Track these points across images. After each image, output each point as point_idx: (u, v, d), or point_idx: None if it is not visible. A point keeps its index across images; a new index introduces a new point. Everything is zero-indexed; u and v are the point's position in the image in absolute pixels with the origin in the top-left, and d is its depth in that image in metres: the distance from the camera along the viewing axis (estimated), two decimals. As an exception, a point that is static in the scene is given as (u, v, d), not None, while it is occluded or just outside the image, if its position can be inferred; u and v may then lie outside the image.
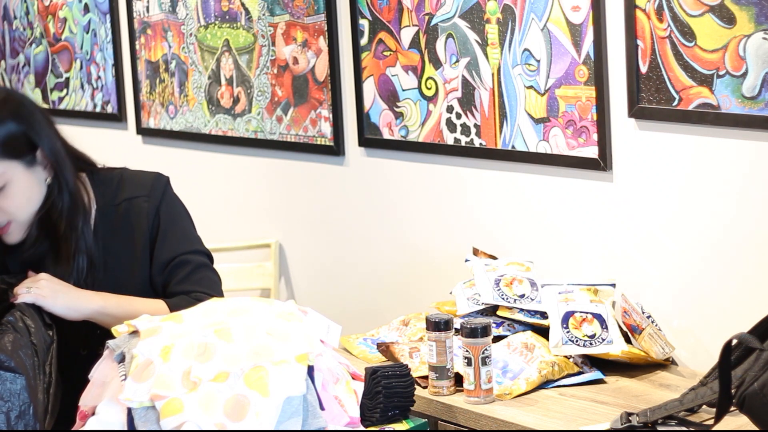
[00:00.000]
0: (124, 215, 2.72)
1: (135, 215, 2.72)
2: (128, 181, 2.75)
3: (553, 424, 2.63)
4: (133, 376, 2.16)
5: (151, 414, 2.14)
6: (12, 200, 2.60)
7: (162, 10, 4.27)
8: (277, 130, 3.92)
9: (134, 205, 2.72)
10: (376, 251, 3.71)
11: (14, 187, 2.61)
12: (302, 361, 2.19)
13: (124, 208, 2.72)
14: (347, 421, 2.24)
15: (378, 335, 3.17)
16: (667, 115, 2.95)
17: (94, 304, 2.62)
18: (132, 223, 2.72)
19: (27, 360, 2.40)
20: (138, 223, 2.72)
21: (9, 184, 2.59)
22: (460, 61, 3.36)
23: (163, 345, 2.20)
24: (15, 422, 2.32)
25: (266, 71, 3.92)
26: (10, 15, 4.95)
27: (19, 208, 2.62)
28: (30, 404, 2.35)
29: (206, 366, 2.16)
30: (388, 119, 3.59)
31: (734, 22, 2.79)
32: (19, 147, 2.60)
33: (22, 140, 2.61)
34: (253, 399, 2.12)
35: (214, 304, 2.34)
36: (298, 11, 3.80)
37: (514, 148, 3.28)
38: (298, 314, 2.32)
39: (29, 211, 2.64)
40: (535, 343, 2.90)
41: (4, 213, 2.60)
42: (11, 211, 2.61)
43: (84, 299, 2.61)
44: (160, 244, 2.72)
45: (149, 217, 2.72)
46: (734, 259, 2.90)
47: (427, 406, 2.79)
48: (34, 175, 2.63)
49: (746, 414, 2.25)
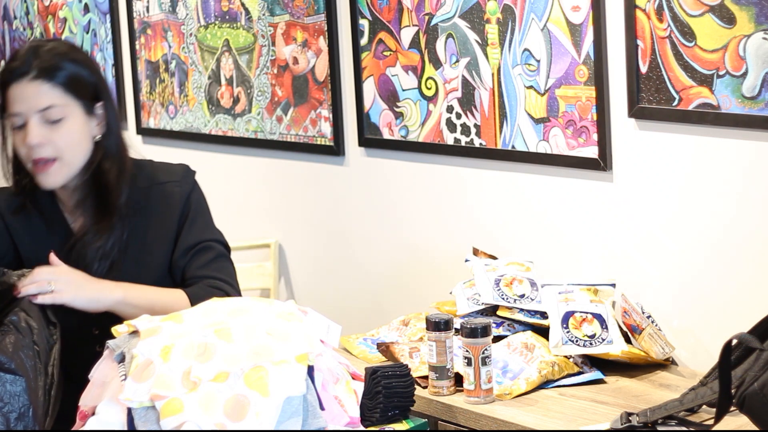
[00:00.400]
0: (153, 198, 2.78)
1: (166, 199, 2.79)
2: (159, 168, 2.84)
3: (553, 424, 2.63)
4: (133, 376, 2.16)
5: (151, 414, 2.14)
6: (64, 136, 2.68)
7: (162, 10, 4.27)
8: (277, 130, 3.92)
9: (166, 189, 2.79)
10: (376, 251, 3.71)
11: (69, 124, 2.69)
12: (302, 361, 2.19)
13: (154, 191, 2.78)
14: (347, 421, 2.24)
15: (378, 335, 3.17)
16: (667, 115, 2.95)
17: (116, 296, 2.65)
18: (162, 206, 2.79)
19: (28, 361, 2.39)
20: (169, 207, 2.79)
21: (65, 119, 2.68)
22: (460, 61, 3.36)
23: (163, 345, 2.20)
24: (15, 424, 2.32)
25: (266, 71, 3.92)
26: (10, 15, 4.95)
27: (69, 147, 2.68)
28: (30, 406, 2.35)
29: (206, 366, 2.16)
30: (388, 119, 3.59)
31: (734, 22, 2.79)
32: (84, 90, 2.70)
33: (89, 87, 2.72)
34: (253, 399, 2.12)
35: (214, 304, 2.34)
36: (298, 11, 3.80)
37: (514, 148, 3.28)
38: (298, 314, 2.32)
39: (76, 155, 2.70)
40: (535, 343, 2.90)
41: (53, 147, 2.67)
42: (60, 147, 2.68)
43: (105, 291, 2.65)
44: (188, 228, 2.78)
45: (181, 201, 2.79)
46: (734, 259, 2.90)
47: (427, 406, 2.79)
48: (87, 124, 2.72)
49: (746, 414, 2.25)
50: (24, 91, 2.67)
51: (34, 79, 2.67)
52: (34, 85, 2.67)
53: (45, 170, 2.68)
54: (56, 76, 2.68)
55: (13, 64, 2.70)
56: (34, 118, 2.66)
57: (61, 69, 2.69)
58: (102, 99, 2.74)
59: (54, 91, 2.67)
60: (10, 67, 2.70)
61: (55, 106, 2.67)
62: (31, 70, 2.67)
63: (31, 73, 2.67)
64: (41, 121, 2.67)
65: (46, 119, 2.67)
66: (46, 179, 2.70)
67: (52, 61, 2.69)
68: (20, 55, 2.71)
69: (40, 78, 2.67)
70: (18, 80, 2.67)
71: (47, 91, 2.67)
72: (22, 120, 2.67)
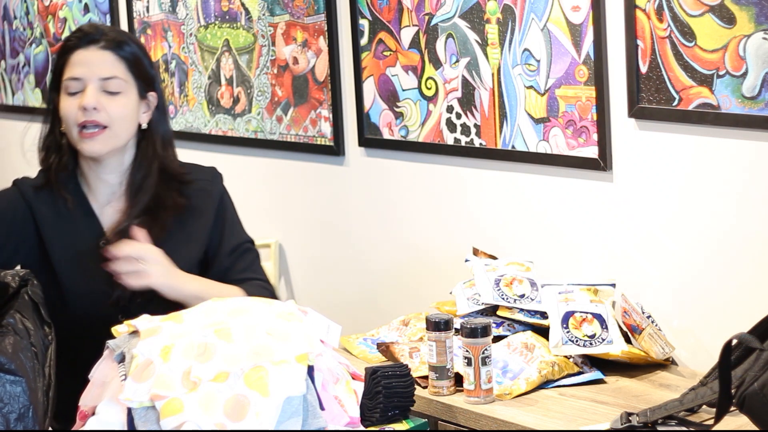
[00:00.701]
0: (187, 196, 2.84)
1: (199, 197, 2.85)
2: (188, 167, 2.90)
3: (553, 424, 2.63)
4: (133, 376, 2.16)
5: (151, 414, 2.14)
6: (118, 108, 2.76)
7: (162, 10, 4.27)
8: (277, 130, 3.92)
9: (197, 187, 2.86)
10: (376, 251, 3.71)
11: (125, 99, 2.78)
12: (302, 361, 2.19)
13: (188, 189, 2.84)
14: (347, 421, 2.24)
15: (378, 335, 3.17)
16: (667, 115, 2.95)
17: (192, 287, 2.74)
18: (195, 204, 2.84)
19: (27, 362, 2.39)
20: (202, 206, 2.85)
21: (122, 94, 2.77)
22: (460, 61, 3.36)
23: (163, 345, 2.20)
24: (14, 424, 2.32)
25: (266, 71, 3.92)
26: (10, 15, 4.95)
27: (120, 119, 2.76)
28: (30, 406, 2.35)
29: (206, 366, 2.16)
30: (388, 119, 3.59)
31: (734, 22, 2.79)
32: (143, 73, 2.81)
33: (147, 72, 2.82)
34: (253, 399, 2.12)
35: (214, 304, 2.34)
36: (298, 11, 3.80)
37: (514, 148, 3.28)
38: (298, 314, 2.32)
39: (124, 130, 2.78)
40: (535, 343, 2.90)
41: (106, 115, 2.75)
42: (113, 116, 2.75)
43: (185, 281, 2.75)
44: (230, 230, 2.88)
45: (214, 201, 2.87)
46: (734, 259, 2.90)
47: (427, 406, 2.79)
48: (138, 106, 2.81)
49: (746, 414, 2.25)
50: (90, 57, 2.76)
51: (102, 48, 2.77)
52: (102, 54, 2.76)
53: (92, 136, 2.75)
54: (123, 51, 2.78)
55: (79, 33, 2.80)
56: (95, 84, 2.75)
57: (128, 46, 2.80)
58: (155, 90, 2.83)
59: (119, 64, 2.77)
60: (77, 35, 2.80)
61: (117, 78, 2.76)
62: (101, 39, 2.77)
63: (100, 42, 2.77)
64: (100, 89, 2.75)
65: (105, 88, 2.76)
66: (92, 145, 2.75)
67: (120, 38, 2.80)
68: (87, 27, 2.82)
69: (109, 49, 2.77)
70: (86, 47, 2.77)
71: (113, 62, 2.77)
72: (81, 86, 2.76)
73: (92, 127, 2.74)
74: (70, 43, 2.79)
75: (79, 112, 2.74)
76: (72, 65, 2.77)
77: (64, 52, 2.79)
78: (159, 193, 2.81)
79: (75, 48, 2.78)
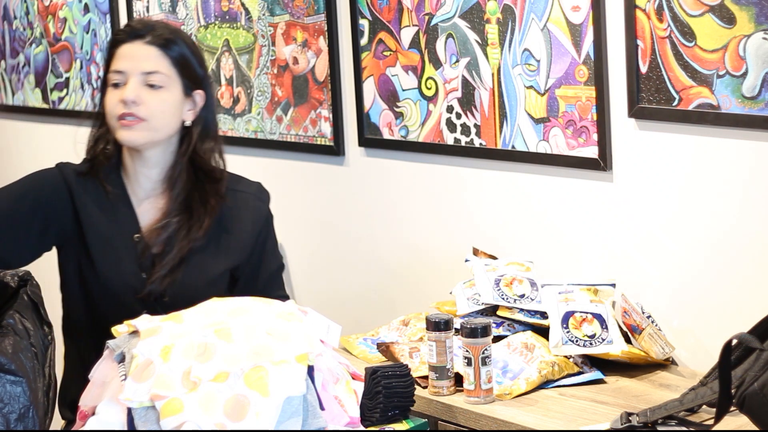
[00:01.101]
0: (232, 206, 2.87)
1: (244, 208, 2.89)
2: (234, 177, 2.94)
3: (553, 424, 2.63)
4: (133, 376, 2.16)
5: (151, 414, 2.14)
6: (158, 103, 2.79)
7: (162, 10, 4.27)
8: (277, 130, 3.92)
9: (243, 199, 2.90)
10: (376, 251, 3.71)
11: (167, 94, 2.80)
12: (302, 361, 2.19)
13: (232, 198, 2.88)
14: (347, 421, 2.24)
15: (378, 335, 3.17)
16: (667, 115, 2.95)
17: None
18: (240, 215, 2.88)
19: (27, 363, 2.39)
20: (243, 217, 2.88)
21: (164, 89, 2.80)
22: (460, 61, 3.36)
23: (163, 345, 2.20)
24: (15, 425, 2.32)
25: (266, 71, 3.92)
26: (10, 15, 4.95)
27: (160, 114, 2.79)
28: (30, 407, 2.35)
29: (206, 366, 2.16)
30: (388, 119, 3.59)
31: (734, 22, 2.79)
32: (189, 72, 2.83)
33: (194, 72, 2.84)
34: (253, 399, 2.12)
35: (214, 304, 2.34)
36: (298, 11, 3.80)
37: (514, 148, 3.28)
38: (298, 314, 2.32)
39: (163, 124, 2.80)
40: (535, 343, 2.90)
41: (146, 108, 2.77)
42: (152, 110, 2.78)
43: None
44: (271, 252, 2.93)
45: (261, 217, 2.91)
46: (734, 259, 2.90)
47: (427, 406, 2.79)
48: (182, 104, 2.83)
49: (746, 414, 2.25)
50: (135, 51, 2.80)
51: (148, 44, 2.80)
52: (146, 49, 2.80)
53: (130, 126, 2.78)
54: (170, 49, 2.81)
55: (128, 28, 2.84)
56: (137, 77, 2.78)
57: (176, 44, 2.82)
58: (203, 89, 2.85)
59: (163, 60, 2.80)
60: (126, 30, 2.84)
61: (159, 74, 2.79)
62: (148, 35, 2.81)
63: (146, 37, 2.80)
64: (142, 83, 2.78)
65: (147, 82, 2.79)
66: (129, 134, 2.78)
67: (169, 36, 2.83)
68: (138, 21, 2.88)
69: (154, 44, 2.80)
70: (132, 41, 2.80)
71: (157, 57, 2.80)
72: (124, 79, 2.79)
73: (130, 117, 2.77)
74: (118, 37, 2.83)
75: (120, 104, 2.77)
76: (117, 58, 2.81)
77: (112, 46, 2.83)
78: (195, 191, 2.83)
79: (122, 42, 2.82)
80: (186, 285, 2.77)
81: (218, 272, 2.83)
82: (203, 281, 2.80)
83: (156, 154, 2.83)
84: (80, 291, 2.81)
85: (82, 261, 2.80)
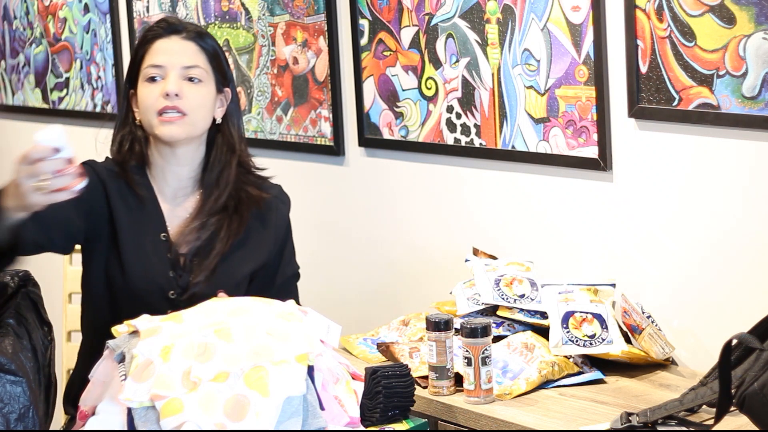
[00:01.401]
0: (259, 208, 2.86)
1: (268, 210, 2.88)
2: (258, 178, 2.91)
3: (553, 424, 2.63)
4: (133, 376, 2.16)
5: (151, 414, 2.14)
6: (198, 97, 2.79)
7: (162, 10, 4.27)
8: (277, 130, 3.92)
9: (267, 201, 2.88)
10: (376, 251, 3.71)
11: (205, 89, 2.81)
12: (302, 361, 2.19)
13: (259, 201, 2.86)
14: (347, 421, 2.24)
15: (378, 335, 3.17)
16: (667, 115, 2.95)
17: None
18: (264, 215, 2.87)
19: (27, 363, 2.40)
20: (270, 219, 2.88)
21: (202, 84, 2.81)
22: (460, 61, 3.36)
23: (163, 345, 2.20)
24: (14, 424, 2.32)
25: (266, 71, 3.92)
26: (10, 15, 4.95)
27: (199, 108, 2.79)
28: (30, 407, 2.35)
29: (206, 366, 2.16)
30: (388, 119, 3.59)
31: (734, 22, 2.79)
32: (220, 69, 2.84)
33: (224, 69, 2.85)
34: (253, 399, 2.12)
35: (214, 304, 2.34)
36: (298, 11, 3.80)
37: (514, 148, 3.28)
38: (298, 314, 2.32)
39: (201, 119, 2.80)
40: (535, 343, 2.90)
41: (187, 102, 2.77)
42: (193, 105, 2.78)
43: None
44: (289, 257, 2.94)
45: (284, 222, 2.91)
46: (734, 259, 2.90)
47: (427, 406, 2.79)
48: (215, 99, 2.84)
49: (746, 414, 2.25)
50: (173, 45, 2.81)
51: (186, 39, 2.82)
52: (185, 44, 2.81)
53: (171, 121, 2.76)
54: (206, 43, 2.83)
55: (164, 23, 2.84)
56: (178, 71, 2.79)
57: (209, 38, 2.85)
58: (230, 85, 2.88)
59: (201, 54, 2.81)
60: (161, 25, 2.84)
61: (198, 68, 2.80)
62: (184, 30, 2.82)
63: (183, 32, 2.82)
64: (182, 77, 2.78)
65: (187, 77, 2.79)
66: (170, 129, 2.77)
67: (202, 30, 2.86)
68: (171, 18, 2.87)
69: (192, 39, 2.82)
70: (169, 36, 2.82)
71: (196, 52, 2.81)
72: (163, 73, 2.79)
73: (172, 112, 2.77)
74: (152, 33, 2.83)
75: (160, 98, 2.77)
76: (153, 53, 2.81)
77: (145, 42, 2.83)
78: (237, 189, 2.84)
79: (157, 37, 2.82)
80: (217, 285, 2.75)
81: (245, 274, 2.82)
82: (233, 282, 2.79)
83: (188, 151, 2.83)
84: (105, 289, 2.79)
85: (110, 259, 2.79)
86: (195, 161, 2.84)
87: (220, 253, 2.79)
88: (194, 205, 2.84)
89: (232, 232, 2.80)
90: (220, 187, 2.82)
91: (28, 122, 4.93)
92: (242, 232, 2.82)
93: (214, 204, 2.81)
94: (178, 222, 2.83)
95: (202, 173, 2.85)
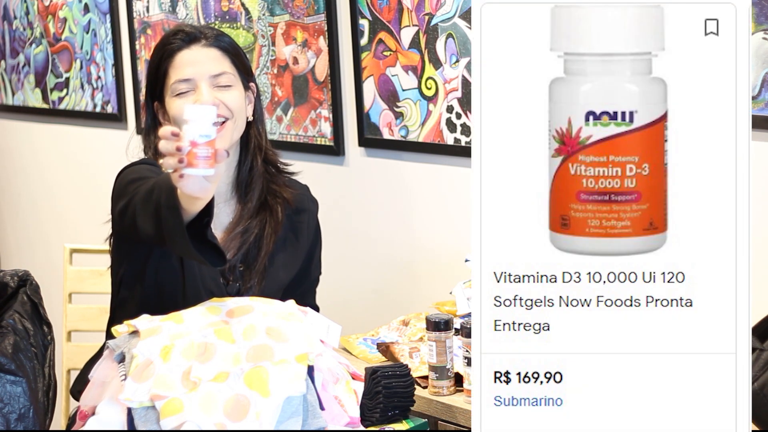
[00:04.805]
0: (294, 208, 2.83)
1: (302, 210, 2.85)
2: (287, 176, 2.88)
3: (553, 424, 2.63)
4: (133, 376, 2.17)
5: (151, 414, 2.14)
6: (234, 100, 2.71)
7: (162, 10, 4.27)
8: (277, 130, 3.92)
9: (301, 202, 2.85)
10: (376, 251, 3.71)
11: (236, 92, 2.73)
12: (302, 361, 2.19)
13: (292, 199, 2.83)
14: (347, 421, 2.24)
15: (378, 335, 3.17)
16: (667, 115, 2.95)
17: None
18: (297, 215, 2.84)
19: (27, 363, 2.40)
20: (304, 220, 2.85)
21: (233, 87, 2.73)
22: (460, 61, 3.37)
23: (163, 345, 2.20)
24: (15, 425, 2.32)
25: (266, 71, 3.92)
26: (10, 15, 4.95)
27: (239, 109, 2.72)
28: (30, 407, 2.35)
29: (206, 366, 2.16)
30: (388, 119, 3.59)
31: (734, 22, 2.79)
32: (243, 66, 2.77)
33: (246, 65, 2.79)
34: (253, 399, 2.12)
35: (214, 304, 2.34)
36: (298, 11, 3.80)
37: (514, 148, 3.28)
38: (298, 314, 2.32)
39: (243, 120, 2.74)
40: (535, 343, 2.90)
41: (226, 108, 2.70)
42: (232, 108, 2.71)
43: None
44: (317, 258, 2.90)
45: (315, 223, 2.88)
46: (734, 259, 2.90)
47: (427, 406, 2.79)
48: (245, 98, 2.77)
49: (746, 414, 2.25)
50: (197, 56, 2.72)
51: (206, 46, 2.73)
52: (207, 51, 2.73)
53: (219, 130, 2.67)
54: (226, 45, 2.76)
55: (182, 34, 2.75)
56: (207, 82, 2.71)
57: (227, 39, 2.77)
58: (254, 81, 2.82)
59: (224, 58, 2.74)
60: (179, 36, 2.74)
61: (226, 74, 2.73)
62: (203, 37, 2.74)
63: (202, 40, 2.74)
64: (212, 86, 2.71)
65: (217, 84, 2.71)
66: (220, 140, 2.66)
67: (217, 31, 2.78)
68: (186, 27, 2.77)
69: (213, 45, 2.74)
70: (189, 46, 2.72)
71: (220, 58, 2.73)
72: (192, 86, 2.71)
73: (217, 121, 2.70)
74: (172, 45, 2.73)
75: None
76: (178, 67, 2.72)
77: (167, 56, 2.73)
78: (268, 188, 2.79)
79: (178, 50, 2.73)
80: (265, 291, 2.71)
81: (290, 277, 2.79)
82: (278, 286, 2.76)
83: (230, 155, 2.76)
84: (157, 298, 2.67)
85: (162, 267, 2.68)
86: (232, 165, 2.78)
87: (266, 253, 2.74)
88: (234, 211, 2.79)
89: (273, 230, 2.75)
90: (254, 189, 2.77)
91: (28, 122, 4.93)
92: (281, 230, 2.77)
93: (252, 206, 2.77)
94: (221, 228, 2.77)
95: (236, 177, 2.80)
